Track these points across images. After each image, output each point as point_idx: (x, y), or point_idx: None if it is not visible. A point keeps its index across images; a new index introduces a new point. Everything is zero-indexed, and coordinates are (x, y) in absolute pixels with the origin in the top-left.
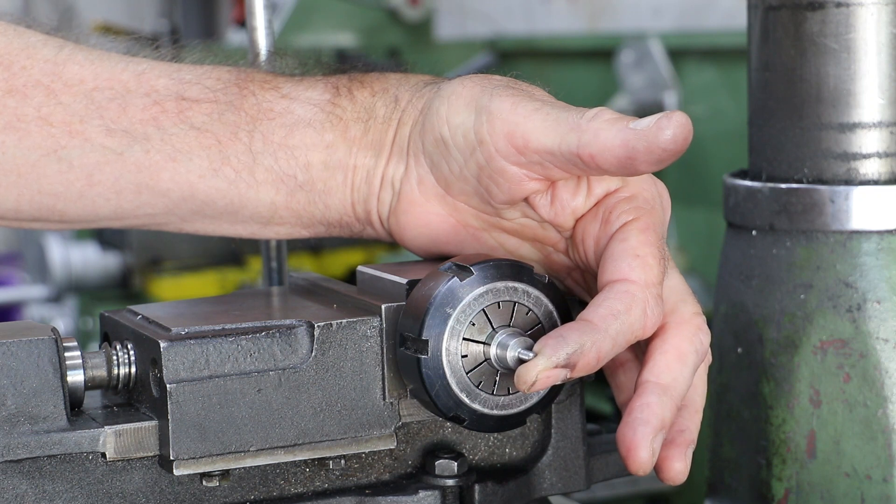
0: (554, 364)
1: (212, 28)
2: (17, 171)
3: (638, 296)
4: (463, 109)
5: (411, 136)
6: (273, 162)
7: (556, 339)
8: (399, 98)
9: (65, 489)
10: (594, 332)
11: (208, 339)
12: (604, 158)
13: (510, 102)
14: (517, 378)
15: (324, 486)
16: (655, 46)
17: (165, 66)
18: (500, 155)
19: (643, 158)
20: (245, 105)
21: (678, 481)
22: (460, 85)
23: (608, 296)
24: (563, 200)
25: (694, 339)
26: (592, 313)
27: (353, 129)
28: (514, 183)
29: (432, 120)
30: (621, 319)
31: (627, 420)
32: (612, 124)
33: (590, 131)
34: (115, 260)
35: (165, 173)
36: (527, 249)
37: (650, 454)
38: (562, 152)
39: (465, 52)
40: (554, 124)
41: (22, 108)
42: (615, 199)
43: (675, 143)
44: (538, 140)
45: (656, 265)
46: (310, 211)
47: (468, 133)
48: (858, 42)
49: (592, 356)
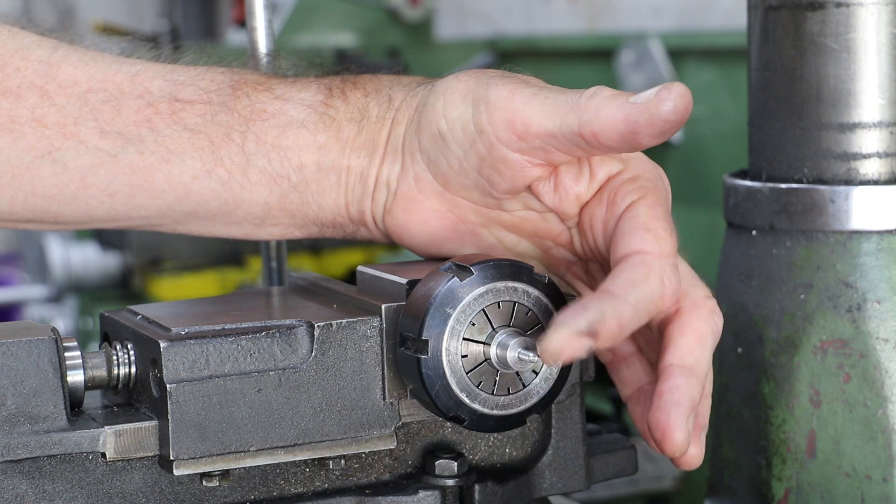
0: (577, 332)
1: (212, 28)
2: (11, 172)
3: (654, 265)
4: (460, 102)
5: (406, 134)
6: (266, 163)
7: (577, 309)
8: (392, 98)
9: (65, 489)
10: (614, 300)
11: (208, 339)
12: (606, 135)
13: (507, 90)
14: (541, 351)
15: (324, 486)
16: (655, 46)
17: (159, 67)
18: (502, 143)
19: (646, 131)
20: (238, 106)
21: (694, 465)
22: (455, 80)
23: (625, 267)
24: (566, 186)
25: (710, 322)
26: (610, 283)
27: (347, 130)
28: (517, 170)
29: (429, 116)
30: (639, 287)
31: (659, 403)
32: (611, 100)
33: (590, 109)
34: (115, 260)
35: (159, 175)
36: (526, 246)
37: (685, 435)
38: (563, 133)
39: (465, 52)
40: (553, 106)
41: (16, 109)
42: (619, 180)
43: (676, 114)
44: (539, 124)
45: (668, 237)
46: (303, 211)
47: (467, 125)
48: (858, 42)
49: (614, 324)
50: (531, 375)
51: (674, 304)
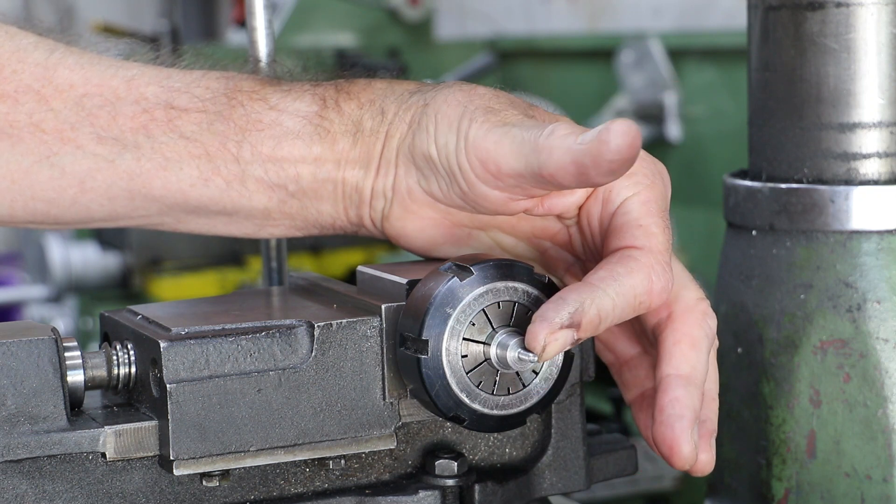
0: (558, 325)
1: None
2: (10, 177)
3: (641, 260)
4: (447, 130)
5: (399, 148)
6: (263, 173)
7: (556, 302)
8: (385, 111)
9: (65, 489)
10: (593, 291)
11: (208, 339)
12: (561, 176)
13: (484, 129)
14: (528, 347)
15: (324, 486)
16: (655, 46)
17: (155, 72)
18: (481, 181)
19: (594, 172)
20: (234, 116)
21: (706, 471)
22: (444, 103)
23: (610, 260)
24: (556, 202)
25: (703, 325)
26: (592, 275)
27: (342, 143)
28: (500, 205)
29: (422, 137)
30: (620, 281)
31: (661, 419)
32: (563, 140)
33: (545, 150)
34: (115, 260)
35: (157, 181)
36: (523, 248)
37: (692, 447)
38: (529, 174)
39: (465, 52)
40: (519, 147)
41: (13, 113)
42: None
43: (619, 154)
44: (508, 165)
45: (661, 233)
46: (303, 215)
47: (451, 157)
48: (858, 42)
49: (594, 313)
50: (531, 375)
51: (666, 306)
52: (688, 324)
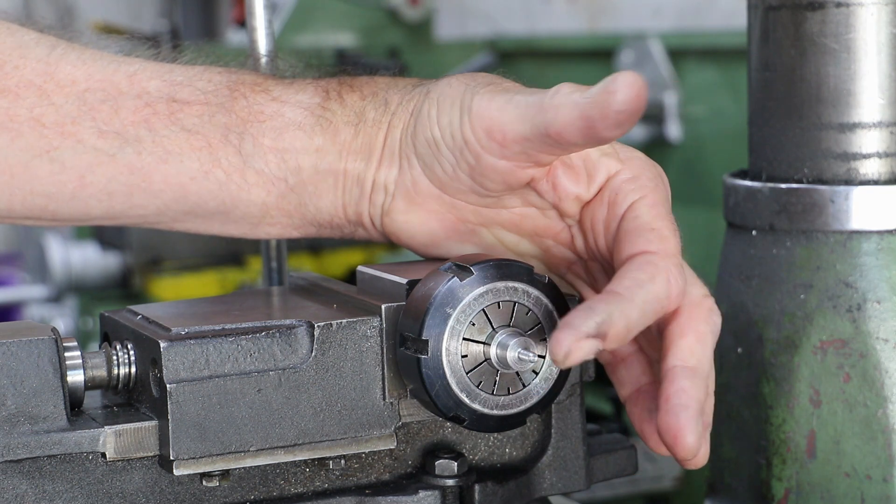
0: (585, 334)
1: (212, 28)
2: (9, 171)
3: (660, 265)
4: (449, 109)
5: (402, 138)
6: (263, 165)
7: (584, 311)
8: (389, 101)
9: (65, 489)
10: (621, 302)
11: (208, 339)
12: (569, 133)
13: (486, 99)
14: (550, 353)
15: (324, 486)
16: (655, 46)
17: (157, 66)
18: (486, 152)
19: (602, 125)
20: (236, 107)
21: (700, 465)
22: (447, 86)
23: (631, 267)
24: (564, 187)
25: (709, 320)
26: (617, 284)
27: (344, 133)
28: (508, 174)
29: (423, 122)
30: (646, 288)
31: (667, 408)
32: (569, 97)
33: (551, 109)
34: (115, 260)
35: (157, 175)
36: (526, 245)
37: (697, 437)
38: (536, 136)
39: (465, 52)
40: (524, 111)
41: (14, 108)
42: (619, 180)
43: (626, 104)
44: (514, 130)
45: (672, 236)
46: (301, 212)
47: (455, 133)
48: (858, 42)
49: (622, 325)
50: (531, 375)
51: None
52: (694, 319)
